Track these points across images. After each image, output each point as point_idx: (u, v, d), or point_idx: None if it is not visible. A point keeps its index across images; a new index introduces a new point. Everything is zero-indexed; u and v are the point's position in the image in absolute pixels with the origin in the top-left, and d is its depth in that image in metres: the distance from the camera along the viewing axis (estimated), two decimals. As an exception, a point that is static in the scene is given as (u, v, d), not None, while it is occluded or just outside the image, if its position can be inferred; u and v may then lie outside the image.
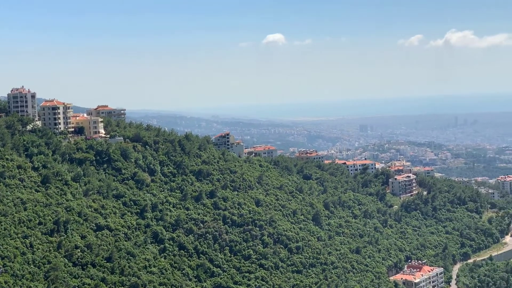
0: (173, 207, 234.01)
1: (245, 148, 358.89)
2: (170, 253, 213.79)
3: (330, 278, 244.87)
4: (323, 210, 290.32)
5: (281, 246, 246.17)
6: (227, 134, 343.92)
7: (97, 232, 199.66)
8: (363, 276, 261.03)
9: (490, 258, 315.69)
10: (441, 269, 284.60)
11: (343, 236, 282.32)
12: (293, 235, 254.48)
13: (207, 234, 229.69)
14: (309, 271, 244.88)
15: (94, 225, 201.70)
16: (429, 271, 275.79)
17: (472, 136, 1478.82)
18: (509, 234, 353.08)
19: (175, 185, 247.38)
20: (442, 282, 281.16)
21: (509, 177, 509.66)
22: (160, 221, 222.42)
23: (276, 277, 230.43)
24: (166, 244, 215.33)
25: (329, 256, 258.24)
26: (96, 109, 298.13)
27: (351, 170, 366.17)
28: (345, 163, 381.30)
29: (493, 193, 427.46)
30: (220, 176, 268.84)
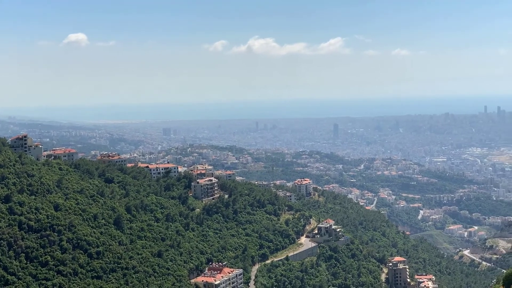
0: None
1: (44, 151, 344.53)
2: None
3: (131, 282, 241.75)
4: (125, 214, 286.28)
5: (81, 251, 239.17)
6: (25, 136, 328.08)
7: None
8: (164, 279, 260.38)
9: (287, 258, 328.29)
10: (241, 270, 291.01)
11: (145, 239, 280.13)
12: (93, 240, 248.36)
13: (1, 241, 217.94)
14: (110, 276, 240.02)
15: None
16: (229, 273, 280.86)
17: (271, 141, 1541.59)
18: (304, 235, 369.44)
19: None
20: (241, 283, 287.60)
21: (305, 180, 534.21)
22: None
23: (74, 284, 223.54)
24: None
25: (131, 260, 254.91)
26: None
27: (154, 173, 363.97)
28: (147, 167, 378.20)
29: (290, 196, 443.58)
30: (17, 180, 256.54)
